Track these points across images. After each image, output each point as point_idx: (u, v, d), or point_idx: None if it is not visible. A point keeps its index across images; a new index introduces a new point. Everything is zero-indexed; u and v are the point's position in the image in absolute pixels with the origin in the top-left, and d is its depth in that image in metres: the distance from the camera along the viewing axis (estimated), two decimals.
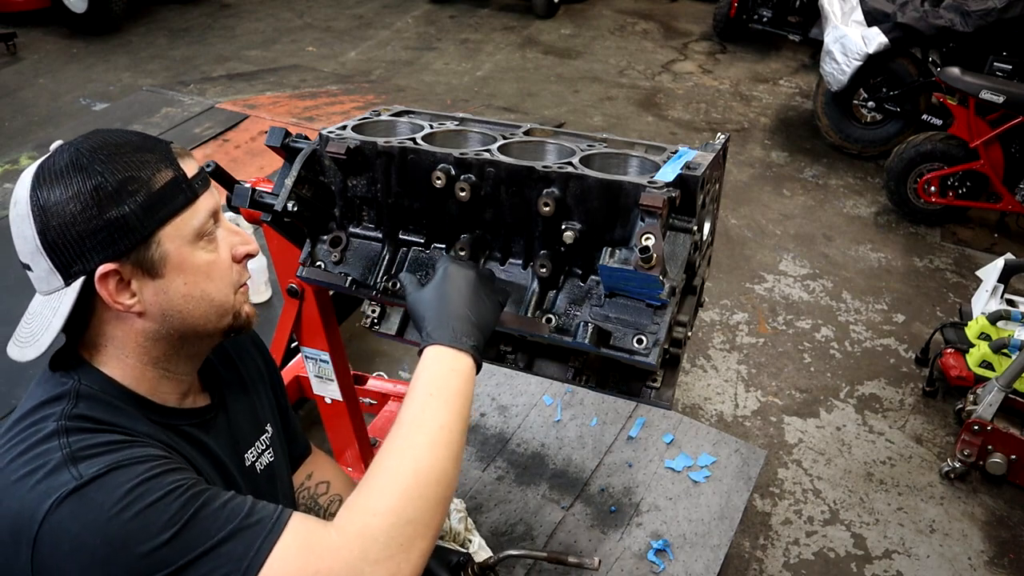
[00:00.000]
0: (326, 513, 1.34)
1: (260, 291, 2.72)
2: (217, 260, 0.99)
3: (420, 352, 1.01)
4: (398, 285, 1.22)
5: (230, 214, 2.10)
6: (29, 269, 0.93)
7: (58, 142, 0.94)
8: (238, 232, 1.03)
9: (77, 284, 0.90)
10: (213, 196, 1.00)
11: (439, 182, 1.14)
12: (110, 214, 0.88)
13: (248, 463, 1.14)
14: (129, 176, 0.90)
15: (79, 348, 0.98)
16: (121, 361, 0.97)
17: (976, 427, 2.71)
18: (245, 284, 1.05)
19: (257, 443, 1.17)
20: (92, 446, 0.85)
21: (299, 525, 0.84)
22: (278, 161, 1.30)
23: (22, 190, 0.90)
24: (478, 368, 1.02)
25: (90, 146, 0.91)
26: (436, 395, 0.95)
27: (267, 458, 1.19)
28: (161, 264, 0.93)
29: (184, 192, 0.94)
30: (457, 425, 0.94)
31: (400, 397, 2.54)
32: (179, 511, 0.81)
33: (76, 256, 0.89)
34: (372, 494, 0.86)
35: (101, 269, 0.90)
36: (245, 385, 1.20)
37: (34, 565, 0.80)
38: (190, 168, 0.97)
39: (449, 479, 0.91)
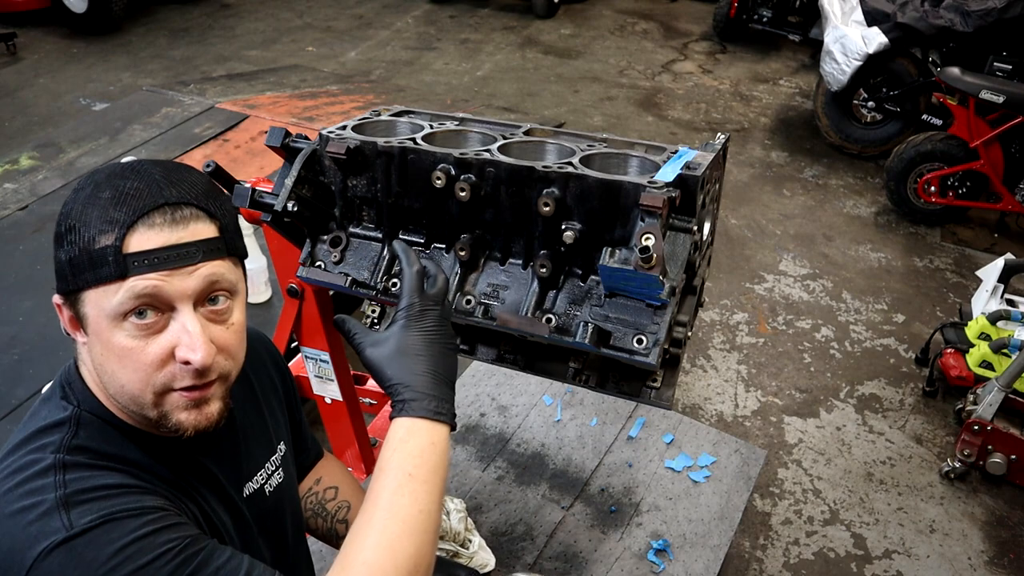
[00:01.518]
0: (334, 520, 1.31)
1: (260, 291, 2.72)
2: (135, 350, 0.85)
3: (392, 418, 0.95)
4: (397, 284, 1.22)
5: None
6: None
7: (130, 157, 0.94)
8: (191, 334, 0.86)
9: (57, 299, 0.91)
10: (165, 284, 0.84)
11: (439, 182, 1.14)
12: (58, 252, 0.87)
13: (256, 486, 1.10)
14: (79, 222, 0.84)
15: (82, 364, 0.95)
16: (103, 392, 0.93)
17: (976, 427, 2.71)
18: (188, 391, 0.88)
19: (267, 464, 1.14)
20: (87, 490, 0.82)
21: None
22: (278, 161, 1.30)
23: None
24: (453, 428, 0.97)
25: (105, 176, 0.88)
26: (415, 475, 0.89)
27: (276, 479, 1.15)
28: (85, 322, 0.88)
29: (109, 266, 0.83)
30: (436, 505, 0.89)
31: None
32: (170, 575, 0.79)
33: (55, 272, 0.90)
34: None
35: (54, 297, 0.90)
36: (258, 404, 1.16)
37: None
38: (143, 245, 0.84)
39: (428, 562, 0.87)
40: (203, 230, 0.87)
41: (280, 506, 1.16)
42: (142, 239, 0.83)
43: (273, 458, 1.15)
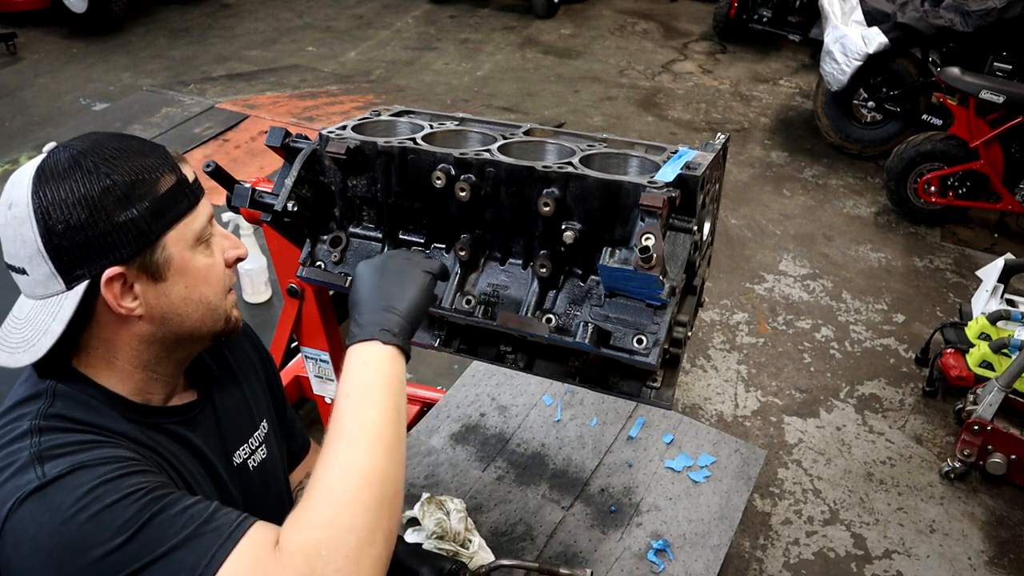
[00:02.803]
0: None
1: (260, 291, 2.72)
2: (214, 264, 1.00)
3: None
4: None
5: (229, 214, 2.10)
6: (22, 272, 0.90)
7: (51, 144, 0.93)
8: (228, 236, 1.05)
9: (80, 288, 0.89)
10: (208, 201, 1.01)
11: (439, 182, 1.14)
12: (118, 218, 0.88)
13: (239, 460, 1.13)
14: (136, 179, 0.90)
15: (65, 351, 0.95)
16: (109, 364, 0.96)
17: (976, 427, 2.71)
18: (232, 289, 1.06)
19: (250, 440, 1.16)
20: (60, 445, 0.85)
21: (257, 535, 0.82)
22: (278, 161, 1.30)
23: (20, 191, 0.88)
24: (406, 353, 0.98)
25: (92, 149, 0.90)
26: (351, 395, 0.91)
27: (260, 455, 1.17)
28: (165, 268, 0.93)
29: (187, 196, 0.95)
30: (380, 419, 0.89)
31: None
32: (135, 515, 0.80)
33: (82, 260, 0.88)
34: (308, 508, 0.84)
35: (108, 272, 0.89)
36: (236, 379, 1.19)
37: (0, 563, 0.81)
38: (188, 173, 0.98)
39: (384, 478, 0.86)
40: None
41: (265, 482, 1.18)
42: (185, 172, 0.97)
43: (256, 434, 1.18)
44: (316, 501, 0.84)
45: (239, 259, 1.05)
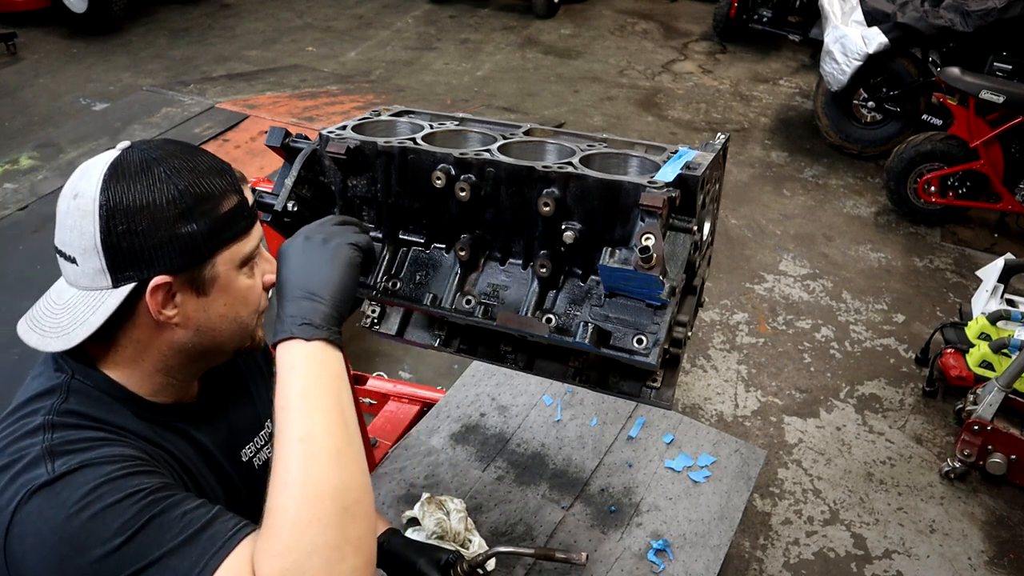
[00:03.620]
0: None
1: None
2: (254, 286, 1.01)
3: None
4: (397, 284, 1.23)
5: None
6: (72, 261, 0.90)
7: (126, 143, 0.94)
8: (270, 260, 1.04)
9: (126, 289, 0.90)
10: (260, 225, 1.03)
11: (439, 182, 1.14)
12: (178, 231, 0.89)
13: (245, 458, 1.14)
14: (203, 194, 0.92)
15: (91, 342, 0.95)
16: (134, 364, 0.97)
17: (976, 427, 2.71)
18: (264, 311, 1.07)
19: (256, 438, 1.17)
20: (71, 441, 0.86)
21: (246, 550, 0.81)
22: (278, 161, 1.30)
23: (88, 185, 0.89)
24: (336, 344, 0.91)
25: (166, 158, 0.91)
26: (285, 407, 0.86)
27: (265, 454, 1.18)
28: (210, 284, 0.95)
29: (246, 219, 0.97)
30: (317, 428, 0.84)
31: (400, 397, 2.54)
32: (134, 516, 0.80)
33: (134, 263, 0.89)
34: (267, 535, 0.80)
35: (156, 280, 0.90)
36: (244, 380, 1.20)
37: (6, 555, 0.81)
38: (249, 196, 0.99)
39: (338, 488, 0.81)
40: None
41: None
42: (246, 195, 0.98)
43: (262, 433, 1.19)
44: (274, 527, 0.80)
45: (273, 284, 1.04)
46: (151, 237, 0.88)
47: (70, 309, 0.91)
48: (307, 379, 0.87)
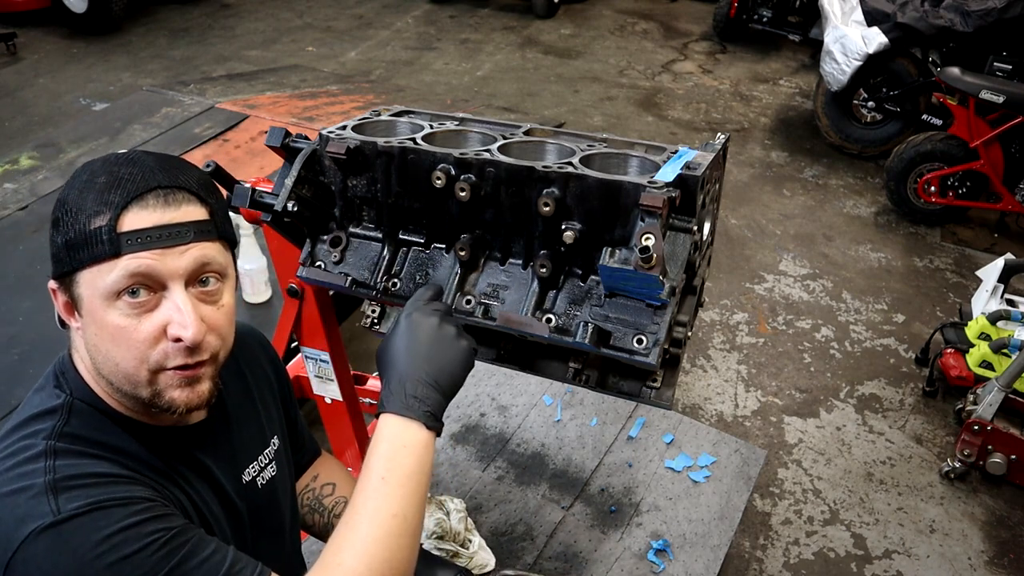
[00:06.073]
0: (331, 515, 1.32)
1: (260, 291, 2.72)
2: (127, 328, 0.87)
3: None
4: (397, 284, 1.23)
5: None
6: None
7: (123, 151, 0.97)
8: (181, 311, 0.88)
9: (52, 283, 0.94)
10: (158, 263, 0.87)
11: (439, 182, 1.14)
12: (54, 236, 0.90)
13: (248, 478, 1.12)
14: (72, 208, 0.88)
15: (75, 352, 0.97)
16: (98, 375, 0.94)
17: (976, 427, 2.71)
18: (181, 370, 0.90)
19: (260, 457, 1.15)
20: (76, 476, 0.84)
21: None
22: (278, 161, 1.30)
23: None
24: (438, 433, 0.97)
25: (109, 162, 0.91)
26: (388, 479, 0.91)
27: (269, 472, 1.16)
28: (79, 304, 0.90)
29: (104, 244, 0.86)
30: (412, 510, 0.91)
31: None
32: (154, 567, 0.79)
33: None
34: None
35: (49, 283, 0.93)
36: (252, 398, 1.18)
37: None
38: (167, 216, 0.88)
39: (405, 567, 0.89)
40: (195, 212, 0.91)
41: (274, 500, 1.17)
42: (135, 219, 0.87)
43: (266, 451, 1.16)
44: None
45: (179, 339, 0.88)
46: (51, 237, 0.91)
47: None
48: (416, 464, 0.93)
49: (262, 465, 1.15)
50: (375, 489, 0.91)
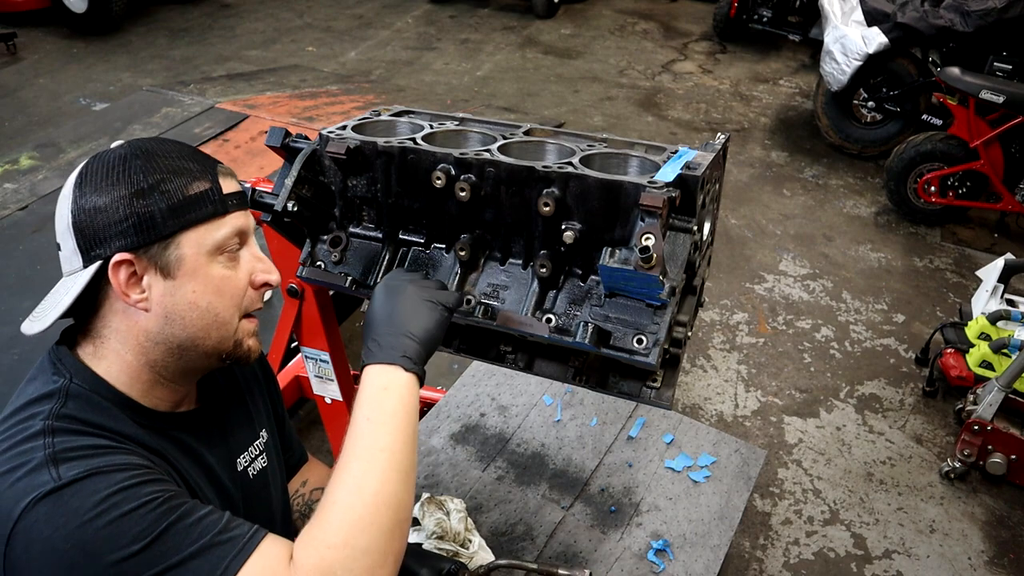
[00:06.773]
0: None
1: None
2: (232, 277, 1.00)
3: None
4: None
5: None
6: (59, 248, 0.97)
7: (119, 141, 0.99)
8: (263, 259, 1.04)
9: (93, 267, 0.93)
10: (245, 219, 1.02)
11: (439, 182, 1.14)
12: (137, 207, 0.92)
13: (240, 468, 1.14)
14: (165, 178, 0.94)
15: (82, 338, 0.99)
16: (120, 357, 0.97)
17: (976, 427, 2.71)
18: (254, 318, 1.05)
19: (251, 448, 1.17)
20: (75, 448, 0.86)
21: (269, 548, 0.85)
22: (278, 161, 1.30)
23: (73, 174, 0.97)
24: (421, 380, 1.02)
25: (141, 145, 0.97)
26: (372, 419, 0.95)
27: (260, 463, 1.18)
28: (176, 266, 0.95)
29: (214, 204, 0.97)
30: (399, 445, 0.94)
31: None
32: (152, 523, 0.81)
33: (98, 240, 0.93)
34: (324, 527, 0.86)
35: (116, 257, 0.92)
36: (240, 390, 1.20)
37: (6, 562, 0.81)
38: (229, 186, 1.00)
39: (399, 502, 0.91)
40: (237, 185, 1.04)
41: (264, 489, 1.19)
42: (224, 185, 1.00)
43: (256, 443, 1.19)
44: (332, 521, 0.87)
45: (267, 284, 1.04)
46: (113, 213, 0.92)
47: (53, 294, 0.97)
48: (398, 402, 0.97)
49: (252, 456, 1.17)
50: (361, 429, 0.94)
